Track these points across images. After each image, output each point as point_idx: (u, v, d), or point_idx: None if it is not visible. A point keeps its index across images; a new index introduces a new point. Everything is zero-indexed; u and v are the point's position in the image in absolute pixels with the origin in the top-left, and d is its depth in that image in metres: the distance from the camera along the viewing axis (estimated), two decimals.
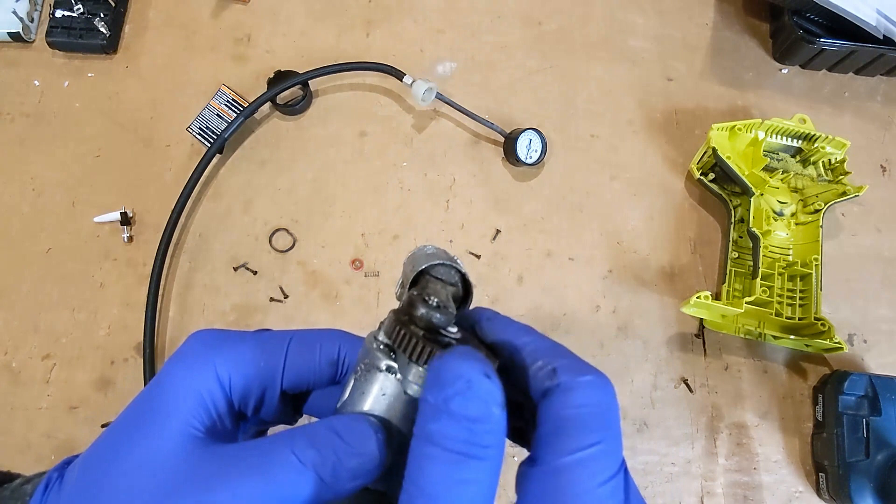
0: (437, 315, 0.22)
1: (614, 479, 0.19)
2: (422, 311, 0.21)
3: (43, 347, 0.55)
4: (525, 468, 0.20)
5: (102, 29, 0.61)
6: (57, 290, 0.57)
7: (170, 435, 0.20)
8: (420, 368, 0.20)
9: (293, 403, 0.25)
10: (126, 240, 0.58)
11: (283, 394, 0.23)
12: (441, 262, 0.24)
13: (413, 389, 0.21)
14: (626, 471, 0.20)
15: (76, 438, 0.53)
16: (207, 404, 0.21)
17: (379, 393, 0.21)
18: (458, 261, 0.25)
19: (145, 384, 0.53)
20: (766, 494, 0.54)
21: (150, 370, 0.53)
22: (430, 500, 0.17)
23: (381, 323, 0.23)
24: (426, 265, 0.24)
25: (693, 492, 0.53)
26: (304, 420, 0.24)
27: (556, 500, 0.18)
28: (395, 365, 0.21)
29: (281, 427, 0.23)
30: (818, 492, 0.53)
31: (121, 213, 0.58)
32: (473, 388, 0.18)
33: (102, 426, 0.53)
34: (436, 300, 0.22)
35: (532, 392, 0.21)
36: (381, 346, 0.21)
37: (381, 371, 0.21)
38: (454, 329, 0.22)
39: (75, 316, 0.56)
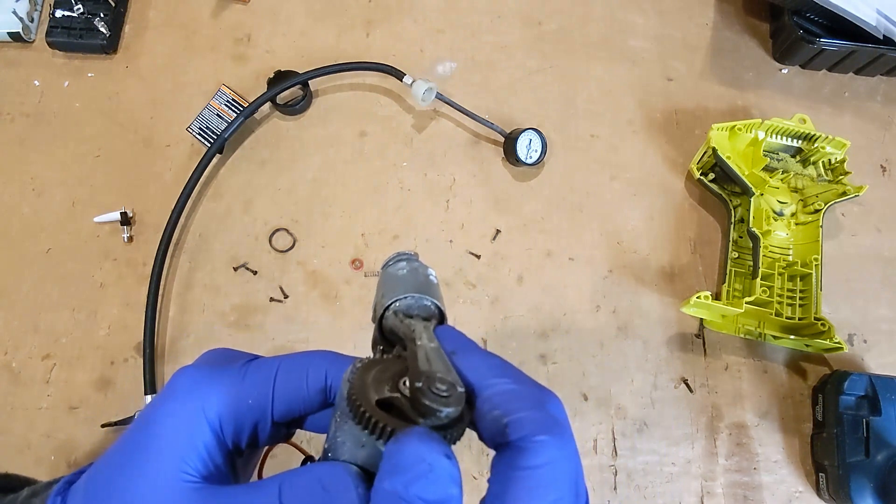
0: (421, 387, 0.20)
1: None
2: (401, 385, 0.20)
3: (43, 347, 0.55)
4: None
5: (102, 29, 0.61)
6: (57, 290, 0.57)
7: (164, 482, 0.20)
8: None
9: (287, 425, 0.25)
10: (126, 240, 0.58)
11: (275, 423, 0.23)
12: (412, 295, 0.23)
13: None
14: None
15: (76, 439, 0.53)
16: (199, 448, 0.21)
17: (357, 445, 0.21)
18: (433, 275, 0.23)
19: (145, 385, 0.53)
20: (766, 494, 0.54)
21: (150, 370, 0.53)
22: None
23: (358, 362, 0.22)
24: (393, 301, 0.23)
25: (693, 492, 0.53)
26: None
27: None
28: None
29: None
30: (818, 492, 0.53)
31: (121, 213, 0.58)
32: (435, 471, 0.17)
33: (102, 426, 0.53)
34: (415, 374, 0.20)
35: (485, 440, 0.21)
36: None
37: (355, 424, 0.20)
38: (443, 387, 0.20)
39: (75, 316, 0.56)
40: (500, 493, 0.18)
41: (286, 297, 0.57)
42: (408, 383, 0.20)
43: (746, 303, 0.51)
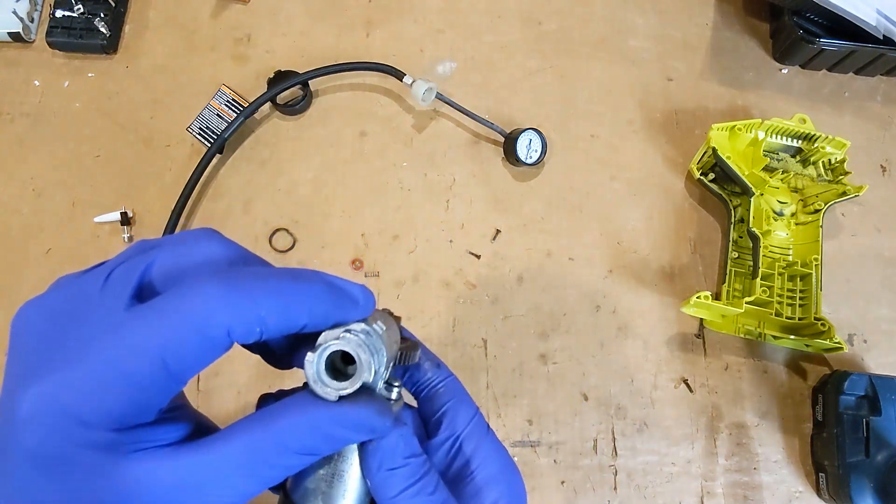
0: None
1: None
2: None
3: None
4: None
5: (102, 29, 0.61)
6: None
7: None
8: None
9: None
10: (126, 240, 0.58)
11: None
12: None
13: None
14: None
15: None
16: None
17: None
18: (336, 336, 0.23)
19: None
20: (766, 494, 0.54)
21: None
22: None
23: None
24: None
25: (693, 492, 0.53)
26: None
27: None
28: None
29: None
30: (818, 492, 0.53)
31: (121, 213, 0.58)
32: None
33: None
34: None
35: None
36: None
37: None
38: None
39: None
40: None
41: None
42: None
43: (746, 303, 0.51)
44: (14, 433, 0.17)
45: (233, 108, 0.61)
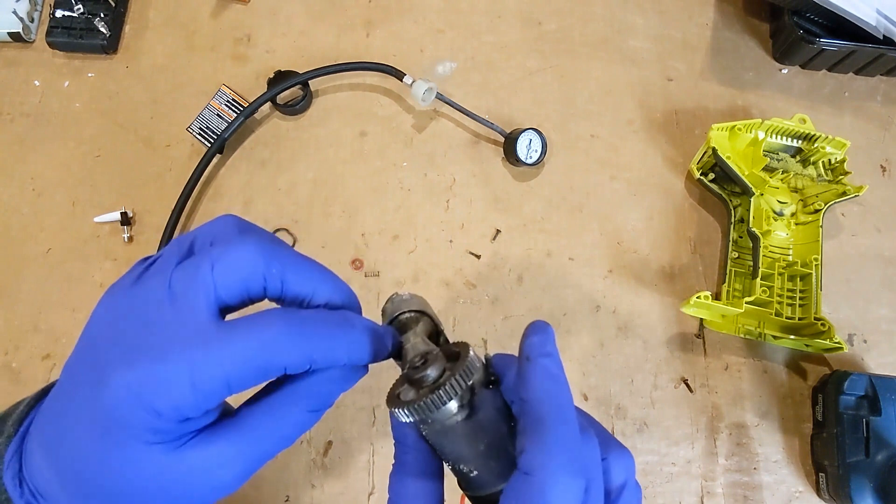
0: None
1: None
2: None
3: (43, 347, 0.55)
4: None
5: (102, 29, 0.61)
6: (57, 290, 0.57)
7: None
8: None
9: None
10: (126, 240, 0.58)
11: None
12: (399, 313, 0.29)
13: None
14: None
15: None
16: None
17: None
18: (407, 296, 0.29)
19: None
20: (766, 494, 0.54)
21: None
22: None
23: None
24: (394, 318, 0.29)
25: (693, 492, 0.53)
26: None
27: None
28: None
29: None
30: (818, 492, 0.53)
31: (121, 213, 0.58)
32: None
33: None
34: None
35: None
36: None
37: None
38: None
39: (75, 316, 0.56)
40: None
41: None
42: (406, 377, 0.26)
43: (746, 303, 0.51)
44: (97, 402, 0.20)
45: (233, 108, 0.61)
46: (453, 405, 0.24)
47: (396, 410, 0.24)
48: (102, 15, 0.62)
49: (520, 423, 0.23)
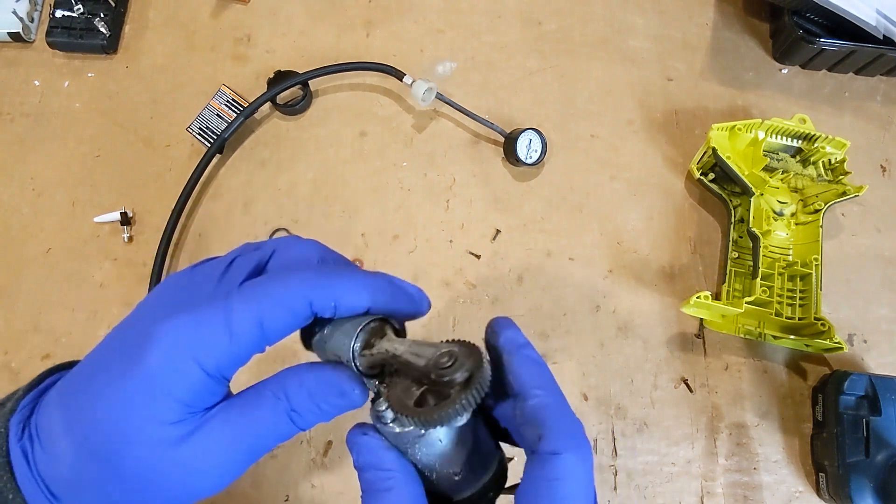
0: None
1: None
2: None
3: (43, 347, 0.55)
4: None
5: (102, 29, 0.61)
6: (57, 290, 0.57)
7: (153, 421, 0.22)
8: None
9: None
10: (126, 240, 0.58)
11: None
12: (351, 336, 0.25)
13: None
14: None
15: None
16: (192, 386, 0.23)
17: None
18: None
19: None
20: (766, 494, 0.54)
21: None
22: None
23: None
24: (348, 352, 0.25)
25: (693, 492, 0.53)
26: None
27: None
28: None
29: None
30: (818, 492, 0.53)
31: (121, 213, 0.58)
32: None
33: None
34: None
35: (519, 444, 0.26)
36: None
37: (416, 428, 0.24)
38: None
39: (75, 316, 0.56)
40: (532, 496, 0.23)
41: None
42: (426, 381, 0.24)
43: (746, 303, 0.51)
44: (146, 345, 0.22)
45: (233, 108, 0.61)
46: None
47: (442, 413, 0.22)
48: (102, 15, 0.62)
49: (520, 411, 0.25)
